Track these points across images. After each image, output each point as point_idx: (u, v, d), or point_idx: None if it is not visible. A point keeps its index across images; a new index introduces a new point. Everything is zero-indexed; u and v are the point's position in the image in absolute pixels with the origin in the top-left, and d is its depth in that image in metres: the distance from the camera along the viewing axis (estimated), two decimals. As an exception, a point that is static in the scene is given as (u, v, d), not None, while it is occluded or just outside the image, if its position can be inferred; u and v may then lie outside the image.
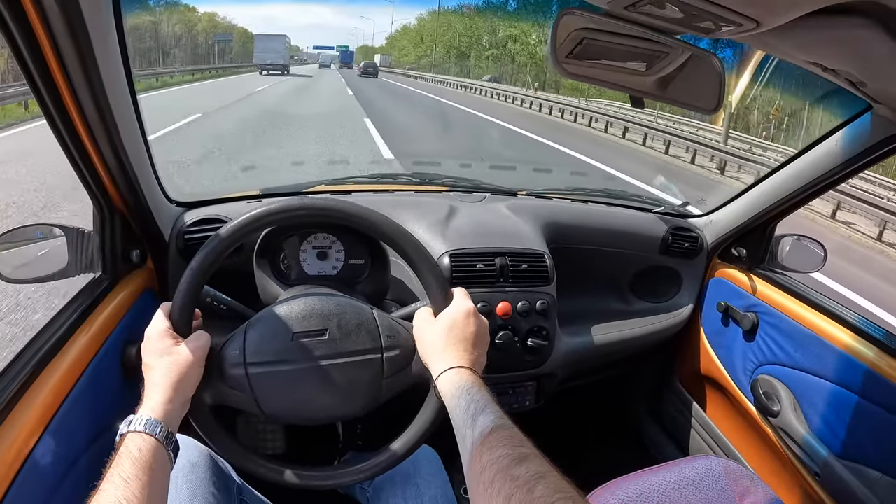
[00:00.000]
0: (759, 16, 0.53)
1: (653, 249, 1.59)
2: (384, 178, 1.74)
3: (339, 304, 0.92)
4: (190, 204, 1.36)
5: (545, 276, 1.34)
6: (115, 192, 1.05)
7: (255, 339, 0.88)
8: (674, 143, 12.01)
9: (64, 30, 0.73)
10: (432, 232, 1.33)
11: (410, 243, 0.91)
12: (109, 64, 0.85)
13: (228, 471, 1.03)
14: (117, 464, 0.67)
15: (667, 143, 12.12)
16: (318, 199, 0.93)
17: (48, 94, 0.82)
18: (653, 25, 0.65)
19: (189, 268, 0.86)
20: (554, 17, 0.68)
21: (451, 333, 0.86)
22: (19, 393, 0.82)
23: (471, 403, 0.75)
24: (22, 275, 1.04)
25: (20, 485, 0.76)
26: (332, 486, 0.94)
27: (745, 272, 1.49)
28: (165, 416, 0.75)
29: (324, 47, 73.72)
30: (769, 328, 1.38)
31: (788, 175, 1.31)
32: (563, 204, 1.66)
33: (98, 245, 1.11)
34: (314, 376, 0.88)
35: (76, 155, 0.94)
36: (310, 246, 1.18)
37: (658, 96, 0.79)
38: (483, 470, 0.64)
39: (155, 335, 0.83)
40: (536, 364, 1.36)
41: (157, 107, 13.22)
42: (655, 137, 12.76)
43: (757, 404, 1.38)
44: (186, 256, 1.26)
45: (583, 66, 0.74)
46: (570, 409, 1.83)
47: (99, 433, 0.98)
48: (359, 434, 1.67)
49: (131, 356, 1.08)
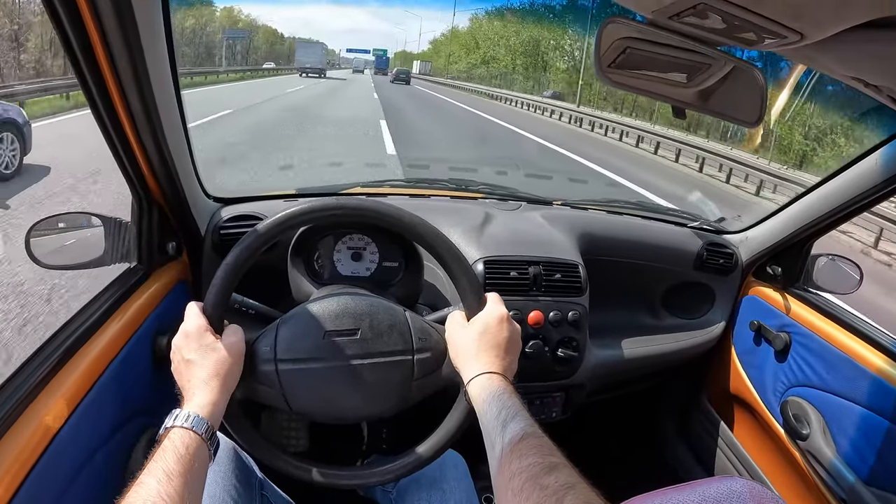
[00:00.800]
0: (803, 29, 0.53)
1: (687, 265, 1.58)
2: (420, 182, 1.76)
3: (372, 305, 0.93)
4: (227, 200, 1.39)
5: (578, 286, 1.33)
6: (155, 185, 1.08)
7: (287, 336, 0.89)
8: (707, 162, 11.68)
9: (114, 23, 0.75)
10: (467, 238, 1.34)
11: (446, 247, 0.92)
12: (156, 58, 0.87)
13: (251, 465, 1.04)
14: (161, 458, 0.67)
15: (701, 161, 11.83)
16: (356, 200, 0.94)
17: (95, 87, 0.84)
18: (695, 36, 0.65)
19: (224, 263, 0.87)
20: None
21: (484, 338, 0.86)
22: (49, 375, 0.84)
23: (502, 410, 0.75)
24: (58, 261, 1.06)
25: (45, 465, 0.77)
26: (358, 485, 0.95)
27: (779, 291, 1.48)
28: (210, 414, 0.75)
29: (358, 50, 71.34)
30: (801, 349, 1.36)
31: (826, 193, 1.29)
32: (598, 215, 1.66)
33: (135, 235, 1.13)
34: (344, 375, 0.89)
35: (119, 147, 0.96)
36: (344, 246, 1.19)
37: (699, 107, 0.79)
38: (512, 477, 0.64)
39: (195, 331, 0.82)
40: (566, 375, 1.36)
41: (193, 101, 13.87)
42: (687, 153, 12.44)
43: (786, 426, 1.35)
44: (221, 251, 1.28)
45: (625, 75, 0.74)
46: (595, 422, 1.82)
47: (125, 420, 0.99)
48: (384, 438, 1.67)
49: (162, 346, 1.08)
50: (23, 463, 0.73)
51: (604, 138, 16.40)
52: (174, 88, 0.98)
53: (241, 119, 12.33)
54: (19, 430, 0.76)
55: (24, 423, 0.77)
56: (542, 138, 14.20)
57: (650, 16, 0.63)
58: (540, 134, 14.98)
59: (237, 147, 8.53)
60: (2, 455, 0.72)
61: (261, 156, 8.08)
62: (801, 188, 1.53)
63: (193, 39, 42.66)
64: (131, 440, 1.01)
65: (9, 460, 0.72)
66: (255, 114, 13.69)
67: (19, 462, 0.73)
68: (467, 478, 1.11)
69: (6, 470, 0.71)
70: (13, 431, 0.75)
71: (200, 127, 9.95)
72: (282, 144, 9.50)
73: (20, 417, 0.77)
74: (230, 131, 9.94)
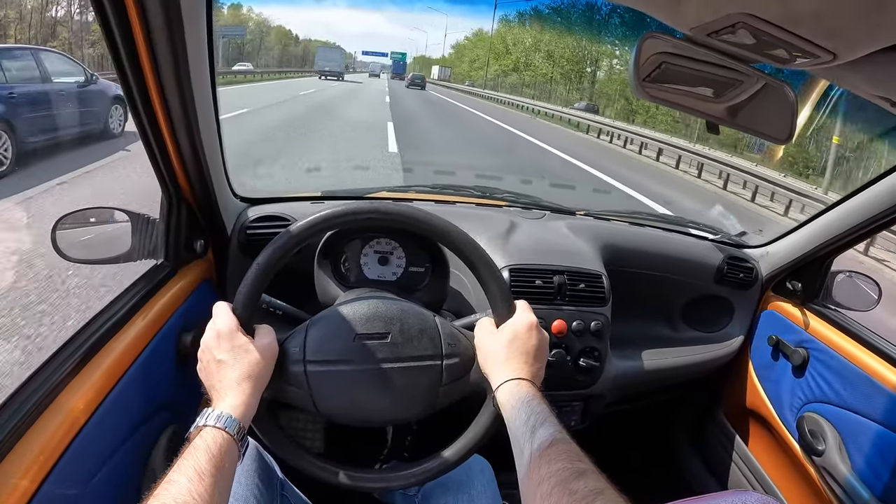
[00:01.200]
0: (836, 49, 0.55)
1: (707, 278, 1.58)
2: (446, 188, 1.77)
3: (403, 309, 0.93)
4: (254, 200, 1.40)
5: (602, 296, 1.34)
6: (186, 183, 1.09)
7: (317, 338, 0.89)
8: (732, 178, 11.10)
9: (160, 21, 0.77)
10: (493, 245, 1.34)
11: (477, 253, 0.92)
12: (198, 58, 0.88)
13: (273, 465, 1.04)
14: (192, 456, 0.66)
15: (725, 178, 11.33)
16: (389, 204, 0.93)
17: (135, 84, 0.85)
18: (729, 52, 0.67)
19: (256, 262, 0.86)
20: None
21: (514, 345, 0.87)
22: (77, 368, 0.85)
23: (531, 415, 0.75)
24: (84, 255, 1.06)
25: (70, 457, 0.77)
26: (382, 489, 0.94)
27: (798, 306, 1.48)
28: (242, 414, 0.76)
29: (375, 53, 69.39)
30: (819, 365, 1.37)
31: (848, 210, 1.30)
32: (620, 226, 1.67)
33: (163, 232, 1.13)
34: (373, 378, 0.89)
35: (153, 143, 0.98)
36: (371, 250, 1.20)
37: (731, 123, 0.80)
38: (541, 482, 0.64)
39: (227, 331, 0.82)
40: (586, 384, 1.37)
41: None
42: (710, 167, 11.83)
43: (801, 442, 1.36)
44: (247, 251, 1.29)
45: (660, 89, 0.75)
46: (612, 433, 1.82)
47: (148, 416, 1.00)
48: (407, 445, 1.67)
49: (186, 343, 1.09)
50: (49, 454, 0.74)
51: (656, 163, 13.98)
52: (211, 89, 1.00)
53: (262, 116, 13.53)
54: (46, 421, 0.76)
55: (51, 415, 0.77)
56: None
57: (688, 32, 0.65)
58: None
59: (253, 143, 9.01)
60: (29, 446, 0.73)
61: (273, 152, 8.59)
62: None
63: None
64: (154, 435, 1.01)
65: (35, 451, 0.73)
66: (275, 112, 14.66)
67: (46, 453, 0.74)
68: (493, 484, 1.11)
69: (33, 460, 0.72)
70: (40, 423, 0.76)
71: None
72: (291, 142, 10.15)
73: (47, 409, 0.78)
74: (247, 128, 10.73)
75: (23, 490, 0.69)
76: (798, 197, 9.52)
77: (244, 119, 11.89)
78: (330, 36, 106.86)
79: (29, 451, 0.72)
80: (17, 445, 0.72)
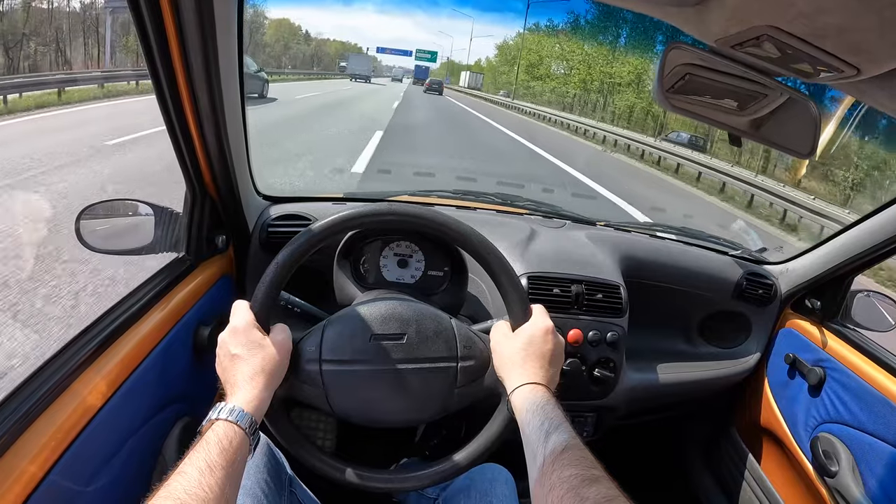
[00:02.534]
0: (860, 64, 0.56)
1: (726, 293, 1.58)
2: (467, 194, 1.78)
3: (419, 311, 0.93)
4: (276, 199, 1.42)
5: (619, 307, 1.34)
6: (210, 179, 1.10)
7: (333, 337, 0.89)
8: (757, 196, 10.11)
9: (193, 18, 0.78)
10: (512, 252, 1.35)
11: (496, 257, 0.93)
12: (228, 58, 0.90)
13: (282, 461, 1.05)
14: (204, 449, 0.67)
15: (750, 197, 10.47)
16: (408, 206, 0.94)
17: (166, 81, 0.87)
18: (753, 65, 0.68)
19: (275, 260, 0.87)
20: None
21: (530, 349, 0.87)
22: (93, 356, 0.86)
23: (545, 421, 0.75)
24: (107, 245, 1.07)
25: (82, 444, 0.77)
26: (390, 490, 0.93)
27: (816, 325, 1.47)
28: (255, 409, 0.76)
29: (395, 51, 67.96)
30: (836, 385, 1.36)
31: (870, 228, 1.29)
32: (640, 238, 1.67)
33: (185, 226, 1.14)
34: (388, 379, 0.89)
35: (181, 139, 0.99)
36: (391, 252, 1.21)
37: (753, 136, 0.81)
38: (552, 488, 0.64)
39: (242, 327, 0.83)
40: (600, 395, 1.36)
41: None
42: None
43: (814, 462, 1.34)
44: (267, 248, 1.31)
45: (684, 100, 0.77)
46: (624, 447, 1.81)
47: (161, 407, 1.00)
48: (432, 446, 1.66)
49: (203, 337, 1.10)
50: (60, 440, 0.74)
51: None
52: (240, 88, 1.02)
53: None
54: (60, 407, 0.77)
55: (64, 402, 0.78)
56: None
57: (713, 44, 0.66)
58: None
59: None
60: (41, 430, 0.73)
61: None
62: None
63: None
64: (166, 426, 1.02)
65: (47, 436, 0.73)
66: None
67: (57, 438, 0.74)
68: (514, 494, 1.10)
69: (44, 445, 0.72)
70: (53, 408, 0.76)
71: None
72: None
73: (61, 395, 0.78)
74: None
75: (30, 475, 0.69)
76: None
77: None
78: (359, 39, 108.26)
79: (39, 438, 0.72)
80: (26, 431, 0.72)
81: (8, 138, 7.88)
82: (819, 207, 8.94)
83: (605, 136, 17.88)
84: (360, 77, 45.31)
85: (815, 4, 0.50)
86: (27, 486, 0.69)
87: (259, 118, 11.40)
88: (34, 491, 0.69)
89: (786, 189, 9.89)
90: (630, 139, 16.64)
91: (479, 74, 57.25)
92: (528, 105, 29.41)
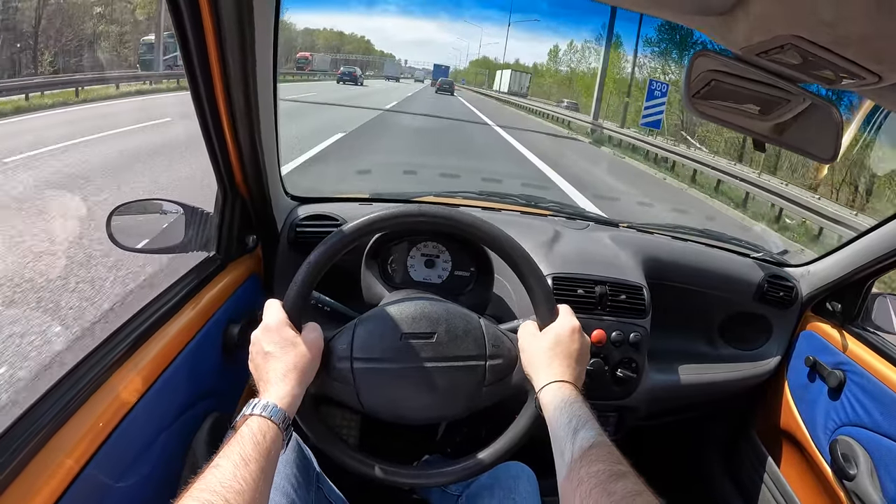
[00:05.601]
0: (882, 71, 0.57)
1: (747, 295, 1.58)
2: (492, 195, 1.79)
3: (449, 310, 0.96)
4: (304, 199, 1.45)
5: (642, 308, 1.35)
6: (242, 180, 1.13)
7: (364, 336, 0.91)
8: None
9: (233, 22, 0.80)
10: (537, 253, 1.34)
11: (523, 258, 0.95)
12: (264, 61, 0.93)
13: (310, 458, 1.07)
14: (238, 443, 0.68)
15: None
16: (437, 208, 0.96)
17: (203, 82, 0.89)
18: (777, 72, 0.69)
19: (307, 261, 0.89)
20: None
21: (557, 348, 0.89)
22: (128, 353, 0.88)
23: (573, 418, 0.77)
24: (137, 244, 1.09)
25: (117, 438, 0.79)
26: (415, 485, 0.97)
27: (837, 328, 1.47)
28: (288, 405, 0.78)
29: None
30: (856, 388, 1.36)
31: (891, 231, 1.29)
32: (663, 240, 1.68)
33: (216, 225, 1.17)
34: (418, 377, 0.91)
35: (215, 140, 1.02)
36: (418, 253, 1.23)
37: (777, 141, 0.82)
38: (580, 483, 0.66)
39: (275, 325, 0.85)
40: (622, 395, 1.38)
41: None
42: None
43: (833, 465, 1.34)
44: (296, 248, 1.33)
45: (709, 106, 0.78)
46: (644, 448, 1.81)
47: (192, 402, 1.02)
48: (457, 443, 1.68)
49: (233, 335, 1.13)
50: (97, 433, 0.77)
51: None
52: (273, 91, 1.04)
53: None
54: (95, 403, 0.79)
55: (101, 398, 0.80)
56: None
57: (738, 51, 0.68)
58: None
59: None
60: (79, 424, 0.76)
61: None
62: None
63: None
64: (197, 422, 1.05)
65: (84, 429, 0.75)
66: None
67: (94, 432, 0.76)
68: (537, 493, 1.11)
69: (82, 437, 0.74)
70: (89, 405, 0.79)
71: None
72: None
73: (96, 391, 0.81)
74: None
75: (67, 469, 0.71)
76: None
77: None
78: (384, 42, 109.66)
79: (76, 432, 0.75)
80: (64, 426, 0.74)
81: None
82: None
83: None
84: (392, 77, 64.08)
85: (837, 13, 0.51)
86: (64, 480, 0.71)
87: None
88: (71, 484, 0.71)
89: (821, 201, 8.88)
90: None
91: (524, 75, 43.93)
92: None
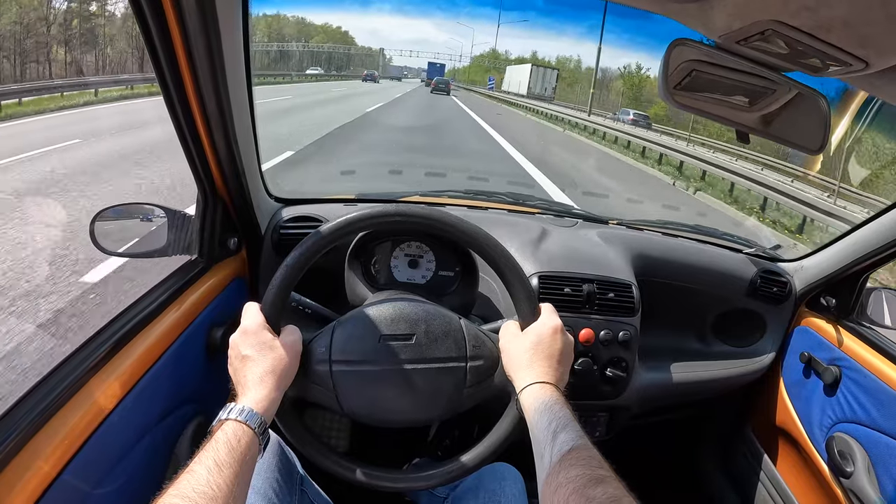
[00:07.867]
0: (868, 57, 0.55)
1: (740, 291, 1.56)
2: (479, 194, 1.77)
3: (428, 311, 0.94)
4: (287, 200, 1.43)
5: (631, 306, 1.33)
6: (221, 182, 1.11)
7: (342, 338, 0.90)
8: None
9: (197, 26, 0.79)
10: (523, 252, 1.34)
11: (503, 257, 0.93)
12: (234, 62, 0.91)
13: (293, 461, 1.06)
14: (213, 448, 0.68)
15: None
16: (415, 207, 0.94)
17: (173, 85, 0.87)
18: (761, 61, 0.67)
19: (284, 263, 0.88)
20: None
21: (538, 348, 0.87)
22: (106, 357, 0.86)
23: (553, 420, 0.75)
24: (120, 248, 1.08)
25: (94, 443, 0.78)
26: (399, 489, 0.94)
27: (832, 323, 1.45)
28: (264, 409, 0.77)
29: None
30: (851, 384, 1.34)
31: (885, 225, 1.26)
32: (653, 236, 1.65)
33: (198, 229, 1.15)
34: (397, 379, 0.89)
35: (191, 143, 1.00)
36: (402, 253, 1.21)
37: (762, 132, 0.80)
38: (559, 487, 0.64)
39: (253, 328, 0.84)
40: (612, 395, 1.35)
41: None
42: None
43: (830, 462, 1.33)
44: (280, 250, 1.31)
45: (690, 97, 0.75)
46: (636, 447, 1.80)
47: (174, 407, 1.01)
48: (445, 446, 1.66)
49: (216, 338, 1.12)
50: (73, 440, 0.75)
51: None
52: (247, 92, 1.02)
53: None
54: (73, 407, 0.78)
55: (78, 402, 0.79)
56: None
57: (718, 40, 0.66)
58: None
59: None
60: (54, 430, 0.74)
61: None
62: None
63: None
64: (179, 426, 1.03)
65: (60, 436, 0.74)
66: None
67: (70, 438, 0.75)
68: (524, 494, 1.09)
69: (57, 445, 0.73)
70: (67, 409, 0.77)
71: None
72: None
73: (74, 396, 0.79)
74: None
75: (43, 475, 0.70)
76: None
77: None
78: (379, 40, 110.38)
79: (53, 437, 0.73)
80: (40, 431, 0.73)
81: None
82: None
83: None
84: (393, 77, 71.50)
85: None
86: (41, 485, 0.69)
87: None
88: (47, 489, 0.70)
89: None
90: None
91: (550, 71, 36.71)
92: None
